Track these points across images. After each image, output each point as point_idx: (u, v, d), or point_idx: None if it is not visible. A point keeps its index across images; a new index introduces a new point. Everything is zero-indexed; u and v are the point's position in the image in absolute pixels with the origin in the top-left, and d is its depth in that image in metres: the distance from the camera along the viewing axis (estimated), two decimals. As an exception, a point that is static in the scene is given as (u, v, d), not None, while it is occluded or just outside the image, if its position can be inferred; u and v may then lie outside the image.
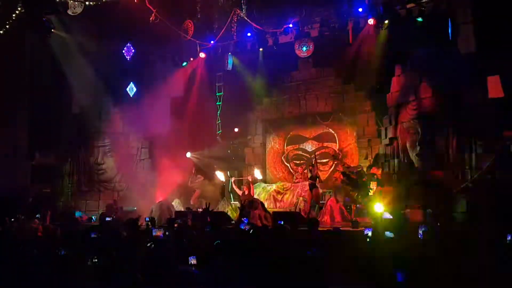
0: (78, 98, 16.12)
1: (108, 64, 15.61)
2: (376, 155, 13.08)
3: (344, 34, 13.28)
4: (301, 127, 16.21)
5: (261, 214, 11.72)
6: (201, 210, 11.21)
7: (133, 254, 4.64)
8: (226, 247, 4.58)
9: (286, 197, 14.63)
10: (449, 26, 11.03)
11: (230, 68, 15.36)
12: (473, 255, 5.01)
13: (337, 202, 13.03)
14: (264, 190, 15.12)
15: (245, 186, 13.71)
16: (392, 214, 10.20)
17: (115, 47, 15.62)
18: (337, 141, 15.47)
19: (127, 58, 15.67)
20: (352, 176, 12.55)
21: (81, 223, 12.07)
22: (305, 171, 13.07)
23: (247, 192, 13.44)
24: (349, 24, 13.07)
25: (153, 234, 5.74)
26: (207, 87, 16.83)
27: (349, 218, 12.20)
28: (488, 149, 10.16)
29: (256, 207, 12.08)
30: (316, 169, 12.99)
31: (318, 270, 4.28)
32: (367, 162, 13.62)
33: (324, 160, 15.56)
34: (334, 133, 15.54)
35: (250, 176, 14.39)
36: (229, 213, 13.55)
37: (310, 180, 12.62)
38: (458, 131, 10.58)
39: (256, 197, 13.56)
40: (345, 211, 12.77)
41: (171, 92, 16.48)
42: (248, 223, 7.90)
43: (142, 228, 8.86)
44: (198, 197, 15.78)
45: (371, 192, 12.32)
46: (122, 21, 14.06)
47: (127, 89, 16.72)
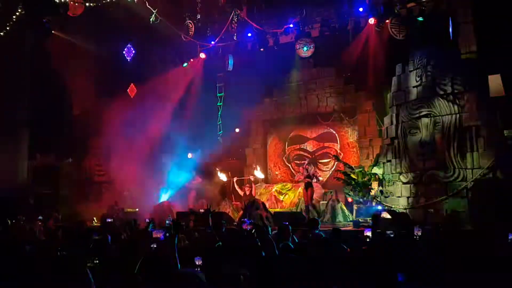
0: (79, 99, 16.13)
1: (109, 65, 15.62)
2: (377, 155, 13.06)
3: (345, 34, 13.29)
4: (302, 127, 16.21)
5: (263, 214, 11.73)
6: (203, 211, 11.18)
7: (134, 256, 4.63)
8: (229, 248, 4.58)
9: (287, 197, 14.66)
10: (450, 26, 11.01)
11: (231, 69, 15.35)
12: (475, 254, 5.00)
13: (338, 202, 13.02)
14: (265, 191, 15.13)
15: (247, 187, 13.73)
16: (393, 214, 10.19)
17: (116, 48, 15.64)
18: (338, 141, 15.47)
19: (128, 59, 15.69)
20: (353, 176, 12.56)
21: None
22: (301, 168, 13.04)
23: (249, 193, 13.45)
24: (350, 24, 13.07)
25: (153, 236, 5.71)
26: (208, 88, 16.84)
27: (351, 218, 12.21)
28: (490, 149, 10.14)
29: (258, 207, 12.09)
30: (313, 169, 12.94)
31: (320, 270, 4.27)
32: (368, 162, 13.61)
33: (325, 160, 15.57)
34: (335, 133, 15.54)
35: (252, 176, 14.41)
36: (231, 214, 13.55)
37: (307, 179, 12.58)
38: (459, 131, 10.56)
39: (258, 198, 13.57)
40: (347, 211, 12.77)
41: (172, 93, 16.48)
42: (251, 223, 7.87)
43: (142, 229, 8.86)
44: (195, 198, 15.77)
45: (372, 192, 12.33)
46: (122, 22, 14.07)
47: (128, 90, 16.73)
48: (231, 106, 16.62)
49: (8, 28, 14.24)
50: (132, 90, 16.54)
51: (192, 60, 16.53)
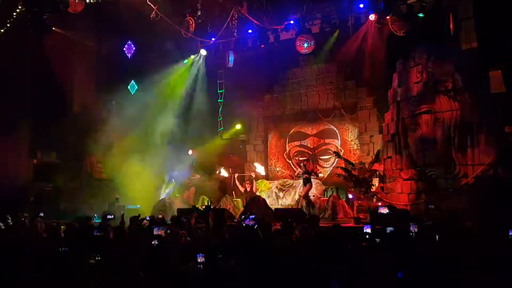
0: (79, 97, 16.13)
1: (109, 62, 15.61)
2: (378, 151, 13.07)
3: (345, 30, 13.27)
4: (303, 124, 16.21)
5: (263, 211, 11.74)
6: (204, 208, 11.22)
7: (135, 252, 4.64)
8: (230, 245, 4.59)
9: (288, 194, 14.67)
10: (450, 22, 11.00)
11: (231, 65, 15.33)
12: (475, 251, 5.00)
13: (339, 199, 13.04)
14: (266, 187, 15.14)
15: (247, 183, 13.75)
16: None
17: (116, 45, 15.62)
18: (339, 138, 15.47)
19: (128, 56, 15.68)
20: (354, 173, 12.58)
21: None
22: (301, 165, 13.03)
23: (249, 189, 13.48)
24: (350, 20, 13.05)
25: (155, 233, 5.72)
26: (208, 84, 16.83)
27: (351, 215, 12.22)
28: (490, 145, 10.14)
29: (258, 204, 12.11)
30: (311, 165, 12.92)
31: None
32: (369, 158, 13.62)
33: (326, 157, 15.58)
34: (336, 130, 15.54)
35: (253, 173, 14.42)
36: (231, 210, 13.56)
37: (306, 175, 12.57)
38: (460, 127, 10.56)
39: (258, 194, 13.59)
40: (347, 207, 12.78)
41: (172, 90, 16.47)
42: (254, 219, 7.88)
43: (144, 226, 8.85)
44: (195, 194, 15.76)
45: (373, 188, 12.34)
46: (123, 19, 14.04)
47: (129, 87, 16.74)
48: (232, 103, 16.62)
49: (8, 25, 14.22)
50: (133, 87, 16.56)
51: (193, 57, 16.53)
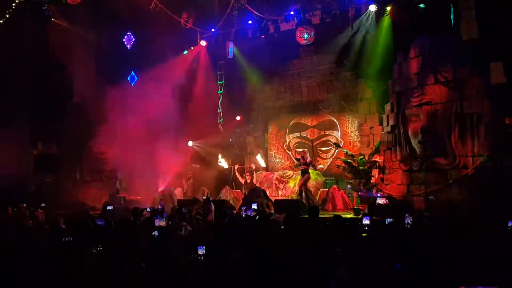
0: (79, 87, 16.10)
1: (109, 53, 15.56)
2: (378, 143, 13.08)
3: (346, 21, 13.21)
4: (303, 115, 16.19)
5: (263, 202, 11.78)
6: (204, 199, 11.23)
7: (136, 243, 4.66)
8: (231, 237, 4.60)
9: (288, 185, 14.71)
10: (451, 12, 10.94)
11: (231, 56, 15.30)
12: (474, 242, 5.02)
13: (339, 190, 13.07)
14: (266, 178, 15.17)
15: (247, 174, 13.77)
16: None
17: (116, 36, 15.56)
18: (339, 129, 15.46)
19: (128, 47, 15.63)
20: (354, 164, 12.60)
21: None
22: (299, 156, 13.04)
23: (249, 180, 13.49)
24: (351, 11, 12.99)
25: (156, 224, 5.74)
26: (208, 76, 16.80)
27: (351, 206, 12.26)
28: (490, 136, 10.14)
29: (258, 195, 12.14)
30: (307, 155, 12.91)
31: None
32: (369, 150, 13.62)
33: (326, 148, 15.59)
34: (336, 121, 15.53)
35: (253, 164, 14.44)
36: (231, 202, 13.59)
37: (304, 166, 12.56)
38: (460, 118, 10.56)
39: (258, 185, 13.61)
40: (347, 199, 12.82)
41: (172, 81, 16.44)
42: (255, 210, 7.91)
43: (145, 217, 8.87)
44: (195, 185, 15.79)
45: (373, 180, 12.37)
46: (122, 10, 13.98)
47: (128, 78, 16.70)
48: (232, 94, 16.60)
49: (8, 16, 14.15)
50: (133, 78, 16.53)
51: (193, 48, 16.49)
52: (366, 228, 6.64)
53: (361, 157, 12.70)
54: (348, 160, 12.76)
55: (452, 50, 10.84)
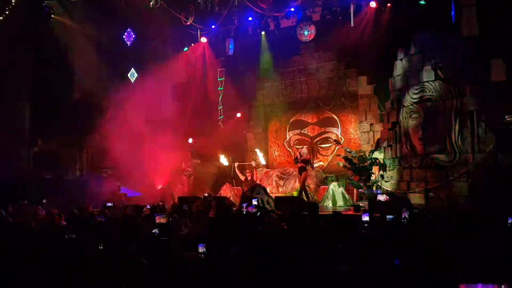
0: (79, 83, 16.08)
1: (109, 49, 15.54)
2: (378, 140, 13.08)
3: (346, 18, 13.19)
4: (303, 112, 16.19)
5: (264, 199, 11.78)
6: (206, 196, 11.26)
7: (137, 240, 4.67)
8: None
9: (288, 182, 14.70)
10: (452, 9, 10.93)
11: (231, 53, 15.29)
12: (474, 239, 5.03)
13: (339, 187, 13.07)
14: (266, 175, 15.18)
15: (248, 172, 13.77)
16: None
17: (116, 32, 15.54)
18: (339, 126, 15.46)
19: (128, 44, 15.61)
20: (354, 161, 12.60)
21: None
22: (296, 153, 13.04)
23: (250, 178, 13.49)
24: (351, 8, 12.97)
25: (157, 221, 5.75)
26: (208, 72, 16.79)
27: (351, 203, 12.27)
28: (491, 133, 10.15)
29: (259, 192, 12.14)
30: (305, 153, 12.89)
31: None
32: (369, 147, 13.63)
33: (326, 145, 15.59)
34: (336, 118, 15.52)
35: (253, 162, 14.44)
36: (232, 198, 13.61)
37: (301, 163, 12.55)
38: (460, 115, 10.57)
39: (258, 182, 13.62)
40: (347, 196, 12.82)
41: (172, 78, 16.42)
42: (256, 206, 7.92)
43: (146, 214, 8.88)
44: (195, 182, 15.79)
45: (373, 177, 12.38)
46: (122, 6, 13.96)
47: (128, 75, 16.68)
48: (232, 91, 16.59)
49: (7, 13, 14.13)
50: (133, 74, 16.52)
51: (193, 45, 16.47)
52: (366, 225, 6.64)
53: (361, 154, 12.70)
54: (348, 157, 12.76)
55: (453, 47, 10.83)
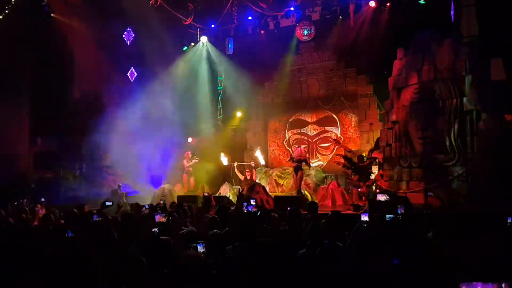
0: (79, 83, 16.09)
1: (109, 49, 15.55)
2: (378, 139, 13.09)
3: (346, 17, 13.20)
4: (303, 112, 16.20)
5: (263, 198, 11.78)
6: (206, 195, 11.24)
7: (137, 239, 4.67)
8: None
9: (288, 182, 14.70)
10: (452, 9, 10.94)
11: (231, 52, 15.29)
12: (474, 238, 5.03)
13: (338, 186, 13.08)
14: (266, 175, 15.18)
15: (247, 171, 13.77)
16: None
17: (115, 32, 15.55)
18: (339, 125, 15.48)
19: (127, 43, 15.62)
20: (354, 160, 12.60)
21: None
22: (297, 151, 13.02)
23: (249, 177, 13.49)
24: (351, 7, 12.98)
25: (156, 220, 5.74)
26: (208, 72, 16.79)
27: (351, 202, 12.27)
28: (490, 132, 10.15)
29: (258, 191, 12.14)
30: (297, 153, 12.86)
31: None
32: (369, 146, 13.64)
33: (326, 144, 15.60)
34: (336, 117, 15.54)
35: (253, 162, 14.44)
36: (231, 198, 13.61)
37: (296, 163, 12.53)
38: (460, 115, 10.57)
39: (258, 182, 13.62)
40: (347, 195, 12.83)
41: (172, 77, 16.44)
42: (256, 205, 7.90)
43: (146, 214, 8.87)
44: (195, 181, 15.78)
45: (373, 176, 12.37)
46: (122, 5, 13.96)
47: (128, 74, 16.69)
48: (232, 90, 16.59)
49: (7, 12, 14.13)
50: (132, 74, 16.53)
51: (193, 44, 16.47)
52: (365, 225, 6.63)
53: (361, 153, 12.70)
54: (348, 157, 12.76)
55: (453, 47, 10.83)
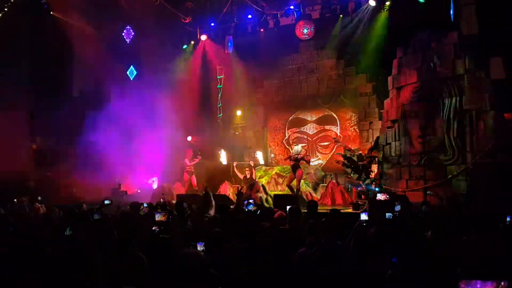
0: (78, 81, 16.09)
1: (108, 47, 15.54)
2: (377, 138, 13.09)
3: (346, 16, 13.20)
4: (302, 110, 16.19)
5: (263, 197, 11.79)
6: (204, 194, 11.23)
7: (137, 238, 4.67)
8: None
9: (287, 180, 14.68)
10: (451, 8, 10.94)
11: (231, 51, 15.28)
12: (473, 237, 5.04)
13: (338, 185, 13.08)
14: (266, 173, 15.17)
15: (247, 170, 13.76)
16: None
17: (115, 30, 15.54)
18: (338, 124, 15.47)
19: (127, 41, 15.61)
20: (353, 159, 12.60)
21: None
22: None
23: (249, 176, 13.48)
24: (350, 6, 12.97)
25: (156, 219, 5.73)
26: (208, 70, 16.78)
27: (350, 201, 12.28)
28: (490, 132, 10.16)
29: (258, 190, 12.15)
30: (293, 152, 12.83)
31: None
32: (368, 145, 13.64)
33: (325, 143, 15.60)
34: (335, 116, 15.53)
35: (252, 162, 14.42)
36: (231, 196, 13.60)
37: (293, 162, 12.50)
38: (460, 113, 10.58)
39: (257, 180, 13.61)
40: (346, 194, 12.83)
41: (172, 75, 16.43)
42: (256, 204, 7.90)
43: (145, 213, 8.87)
44: (194, 180, 15.77)
45: (372, 175, 12.37)
46: (122, 4, 13.96)
47: (128, 72, 16.67)
48: (231, 89, 16.58)
49: (6, 9, 14.12)
50: (132, 72, 16.51)
51: (193, 42, 16.46)
52: (365, 224, 6.64)
53: (360, 152, 12.70)
54: (347, 155, 12.76)
55: (452, 46, 10.84)
